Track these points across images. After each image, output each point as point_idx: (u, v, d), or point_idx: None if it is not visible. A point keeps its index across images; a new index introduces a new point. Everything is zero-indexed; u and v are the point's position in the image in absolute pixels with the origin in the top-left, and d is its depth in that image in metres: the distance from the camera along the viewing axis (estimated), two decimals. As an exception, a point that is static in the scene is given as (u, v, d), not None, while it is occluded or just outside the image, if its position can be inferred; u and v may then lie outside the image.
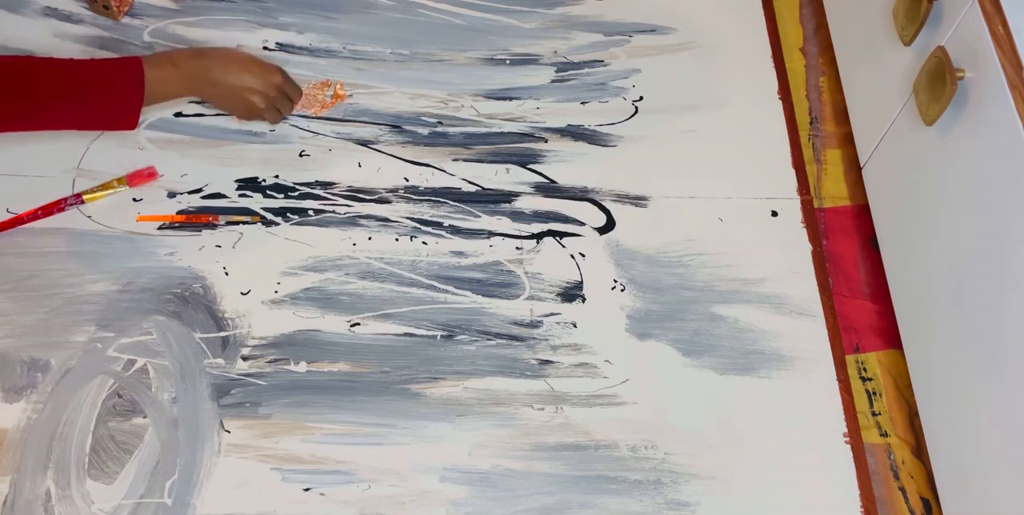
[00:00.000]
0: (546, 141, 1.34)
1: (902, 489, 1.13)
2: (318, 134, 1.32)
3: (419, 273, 1.21)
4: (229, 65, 1.20)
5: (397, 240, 1.24)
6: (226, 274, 1.19)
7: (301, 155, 1.30)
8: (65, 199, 1.14)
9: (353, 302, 1.18)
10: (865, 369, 1.20)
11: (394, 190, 1.28)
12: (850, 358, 1.21)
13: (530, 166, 1.32)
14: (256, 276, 1.19)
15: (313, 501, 1.05)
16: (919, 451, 1.15)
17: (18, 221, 1.13)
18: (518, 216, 1.27)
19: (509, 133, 1.35)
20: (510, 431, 1.11)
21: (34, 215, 1.14)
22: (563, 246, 1.25)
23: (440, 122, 1.35)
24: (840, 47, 1.39)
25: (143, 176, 1.22)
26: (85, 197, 1.15)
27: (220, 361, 1.13)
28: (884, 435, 1.16)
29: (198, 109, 1.32)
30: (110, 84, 1.11)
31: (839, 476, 1.11)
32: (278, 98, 1.25)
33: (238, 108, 1.25)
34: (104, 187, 1.16)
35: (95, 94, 1.10)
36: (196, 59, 1.18)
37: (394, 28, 1.44)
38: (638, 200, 1.30)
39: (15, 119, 1.07)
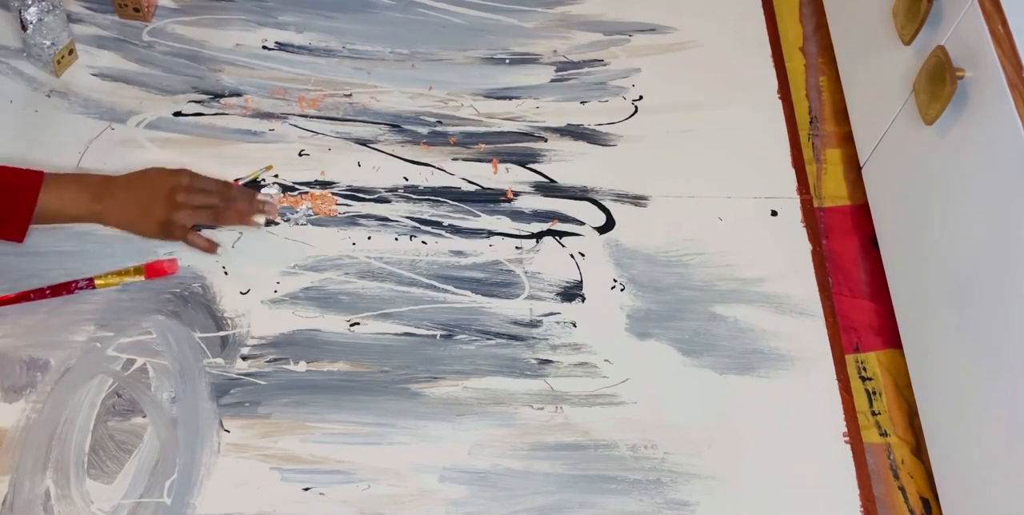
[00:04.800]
0: (546, 140, 1.34)
1: (902, 489, 1.13)
2: (317, 133, 1.32)
3: (419, 272, 1.21)
4: (130, 183, 1.13)
5: (397, 239, 1.24)
6: (225, 273, 1.18)
7: (300, 154, 1.30)
8: (76, 282, 1.14)
9: (352, 301, 1.18)
10: (865, 369, 1.20)
11: (393, 189, 1.28)
12: (850, 358, 1.21)
13: (530, 165, 1.32)
14: (255, 275, 1.19)
15: (312, 501, 1.05)
16: (919, 451, 1.15)
17: (25, 297, 1.13)
18: (518, 215, 1.27)
19: (509, 132, 1.35)
20: (509, 431, 1.11)
21: (42, 293, 1.13)
22: (563, 245, 1.25)
23: (440, 121, 1.35)
24: (840, 47, 1.39)
25: (161, 269, 1.16)
26: (97, 282, 1.15)
27: (219, 361, 1.12)
28: (884, 435, 1.16)
29: (198, 108, 1.32)
30: (1, 191, 1.08)
31: (839, 476, 1.11)
32: (191, 198, 1.13)
33: (150, 226, 1.14)
34: (119, 274, 1.15)
35: None
36: (103, 183, 1.12)
37: (394, 27, 1.44)
38: (638, 199, 1.30)
39: None
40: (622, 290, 1.22)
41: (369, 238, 1.23)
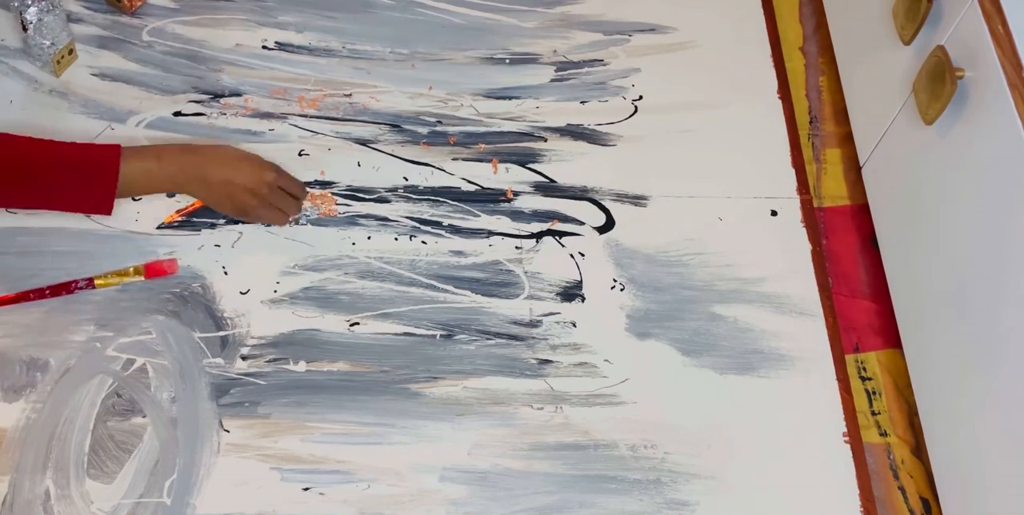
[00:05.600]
0: (546, 140, 1.34)
1: (901, 488, 1.13)
2: (317, 133, 1.32)
3: (418, 272, 1.21)
4: (216, 164, 1.14)
5: (396, 239, 1.24)
6: (225, 273, 1.18)
7: (300, 154, 1.29)
8: (76, 282, 1.14)
9: (352, 301, 1.18)
10: (865, 369, 1.20)
11: (393, 189, 1.28)
12: (850, 358, 1.21)
13: (530, 165, 1.32)
14: (255, 275, 1.19)
15: (312, 501, 1.05)
16: (918, 451, 1.15)
17: (25, 297, 1.13)
18: (518, 215, 1.27)
19: (509, 132, 1.35)
20: (509, 430, 1.11)
21: (42, 293, 1.13)
22: (563, 245, 1.25)
23: (440, 121, 1.35)
24: (840, 46, 1.39)
25: (161, 269, 1.17)
26: (97, 282, 1.15)
27: (219, 360, 1.12)
28: (884, 434, 1.16)
29: (198, 108, 1.32)
30: (83, 169, 1.08)
31: (839, 476, 1.11)
32: (272, 196, 1.17)
33: (229, 207, 1.17)
34: (119, 274, 1.16)
35: (66, 180, 1.08)
36: (182, 155, 1.13)
37: (393, 27, 1.44)
38: (637, 199, 1.30)
39: None
40: (622, 290, 1.22)
41: (369, 238, 1.23)
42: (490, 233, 1.25)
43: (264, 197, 1.16)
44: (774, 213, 1.30)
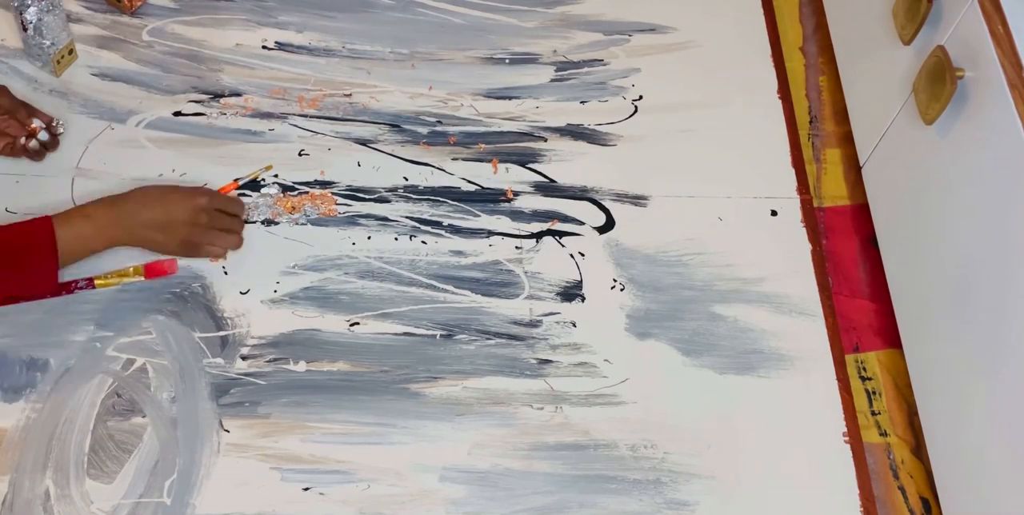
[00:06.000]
0: (546, 140, 1.34)
1: (901, 488, 1.13)
2: (317, 133, 1.32)
3: (418, 272, 1.21)
4: (146, 207, 1.10)
5: (396, 239, 1.24)
6: (225, 273, 1.18)
7: (300, 154, 1.29)
8: (76, 282, 1.14)
9: (352, 301, 1.18)
10: (865, 369, 1.20)
11: (393, 189, 1.28)
12: (850, 358, 1.21)
13: (530, 165, 1.32)
14: (255, 275, 1.19)
15: (312, 501, 1.05)
16: (918, 450, 1.15)
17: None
18: (518, 215, 1.27)
19: (509, 132, 1.35)
20: (509, 430, 1.11)
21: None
22: (563, 245, 1.25)
23: (440, 121, 1.35)
24: (840, 46, 1.39)
25: (161, 269, 1.16)
26: (97, 282, 1.14)
27: (219, 360, 1.12)
28: (884, 434, 1.16)
29: (198, 108, 1.32)
30: (20, 250, 1.03)
31: (839, 475, 1.11)
32: (214, 220, 1.14)
33: (175, 245, 1.13)
34: (119, 274, 1.15)
35: (5, 262, 1.03)
36: (110, 207, 1.09)
37: (393, 27, 1.44)
38: (637, 199, 1.30)
39: None
40: (622, 290, 1.22)
41: (369, 238, 1.23)
42: (490, 233, 1.25)
43: (204, 224, 1.13)
44: (774, 213, 1.30)
